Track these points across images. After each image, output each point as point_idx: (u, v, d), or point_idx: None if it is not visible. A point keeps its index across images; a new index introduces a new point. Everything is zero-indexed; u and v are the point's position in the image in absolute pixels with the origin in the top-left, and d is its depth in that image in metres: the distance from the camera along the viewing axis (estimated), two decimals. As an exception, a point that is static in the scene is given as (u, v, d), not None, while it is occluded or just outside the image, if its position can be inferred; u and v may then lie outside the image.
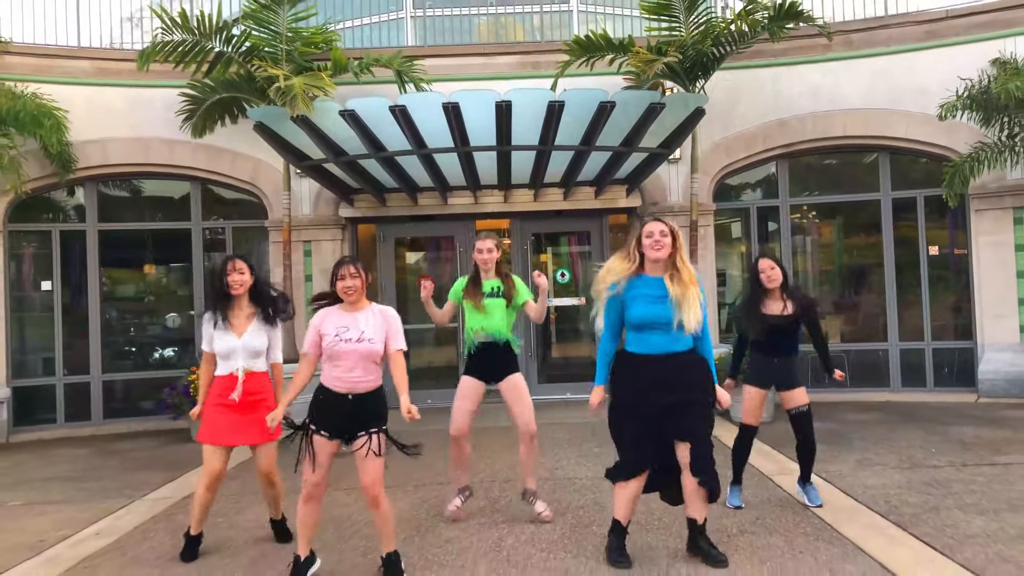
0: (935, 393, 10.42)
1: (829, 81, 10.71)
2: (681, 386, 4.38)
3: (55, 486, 7.26)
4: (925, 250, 10.74)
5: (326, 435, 4.39)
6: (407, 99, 8.35)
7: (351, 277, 4.44)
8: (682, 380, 4.40)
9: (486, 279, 5.65)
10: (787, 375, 5.60)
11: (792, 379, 5.59)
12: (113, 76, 10.55)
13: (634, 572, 4.41)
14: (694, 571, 4.38)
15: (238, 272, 5.08)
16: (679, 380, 4.39)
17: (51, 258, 10.60)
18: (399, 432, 4.54)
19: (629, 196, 10.95)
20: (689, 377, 4.43)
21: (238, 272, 5.08)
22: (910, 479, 6.19)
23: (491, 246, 5.63)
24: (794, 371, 5.63)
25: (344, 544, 5.11)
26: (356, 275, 4.46)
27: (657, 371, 4.38)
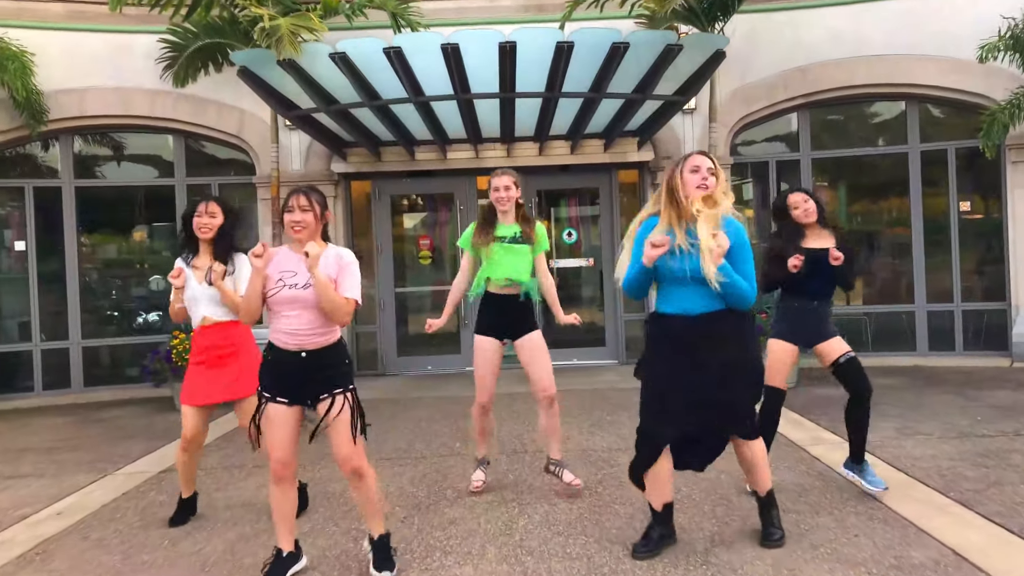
0: (965, 357, 9.83)
1: (853, 25, 9.98)
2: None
3: (27, 458, 6.69)
4: (956, 206, 10.08)
5: (284, 401, 3.66)
6: (403, 40, 7.70)
7: (300, 210, 3.64)
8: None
9: (503, 223, 4.94)
10: (825, 323, 4.85)
11: (830, 327, 4.86)
12: (89, 20, 9.82)
13: (665, 560, 3.83)
14: (737, 558, 3.81)
15: (208, 215, 4.59)
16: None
17: (24, 216, 9.95)
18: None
19: (641, 149, 10.30)
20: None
21: (208, 215, 4.59)
22: (960, 450, 5.62)
23: (508, 183, 4.88)
24: (830, 318, 4.94)
25: (335, 526, 4.53)
26: (307, 208, 3.65)
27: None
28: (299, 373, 3.63)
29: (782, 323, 4.95)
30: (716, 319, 3.76)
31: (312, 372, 3.63)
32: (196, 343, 4.62)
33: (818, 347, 4.85)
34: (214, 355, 4.54)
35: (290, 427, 3.67)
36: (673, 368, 3.78)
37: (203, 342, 4.58)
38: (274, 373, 3.68)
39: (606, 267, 10.85)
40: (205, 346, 4.57)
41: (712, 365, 3.73)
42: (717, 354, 3.74)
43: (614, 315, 10.79)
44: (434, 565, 3.89)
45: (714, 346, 3.74)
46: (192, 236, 4.62)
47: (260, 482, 5.50)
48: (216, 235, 4.59)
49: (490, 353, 4.92)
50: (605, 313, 10.88)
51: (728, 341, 3.78)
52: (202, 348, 4.58)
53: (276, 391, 3.66)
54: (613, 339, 10.83)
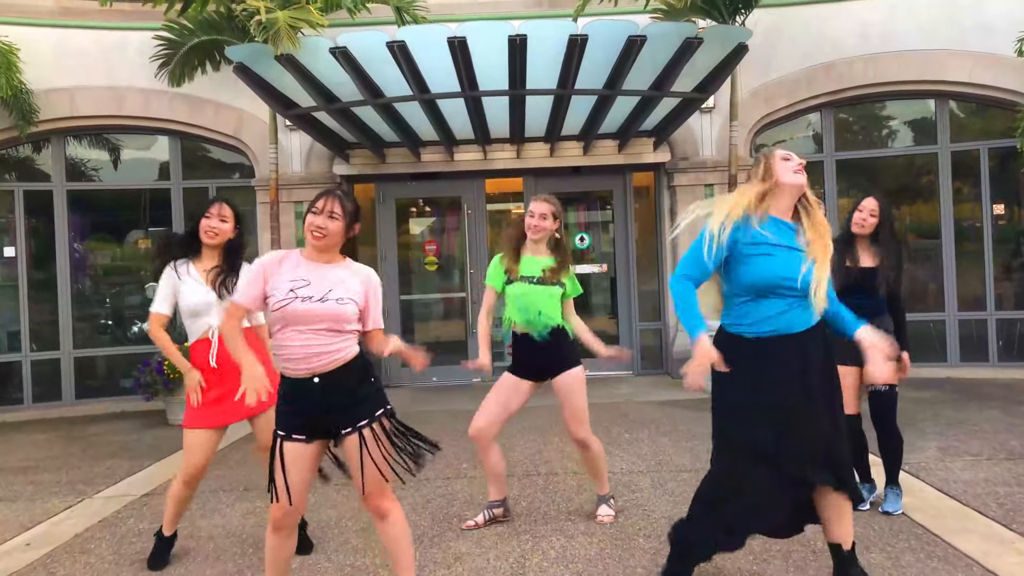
0: (1000, 368, 9.32)
1: (881, 19, 9.51)
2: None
3: (2, 479, 6.25)
4: (989, 209, 9.58)
5: (301, 439, 3.08)
6: (407, 33, 7.28)
7: (327, 216, 3.07)
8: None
9: (531, 253, 4.40)
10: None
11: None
12: (80, 17, 9.43)
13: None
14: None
15: (220, 218, 4.05)
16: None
17: (15, 221, 9.54)
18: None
19: (656, 150, 9.84)
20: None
21: (220, 218, 4.05)
22: (1015, 473, 5.13)
23: (546, 211, 4.34)
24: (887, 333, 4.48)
25: (327, 562, 4.07)
26: (336, 215, 3.08)
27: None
28: (314, 404, 3.07)
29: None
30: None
31: (330, 401, 3.06)
32: (198, 360, 4.05)
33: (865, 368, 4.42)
34: (231, 367, 3.79)
35: (305, 470, 3.08)
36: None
37: (207, 359, 4.03)
38: (291, 407, 3.11)
39: (619, 273, 10.39)
40: (221, 354, 3.99)
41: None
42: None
43: (628, 324, 10.32)
44: (437, 612, 3.43)
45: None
46: (195, 237, 4.07)
47: (248, 508, 5.05)
48: (225, 245, 4.08)
49: (511, 386, 4.41)
50: (619, 322, 10.40)
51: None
52: (207, 365, 4.02)
53: (289, 428, 3.08)
54: (628, 349, 10.33)
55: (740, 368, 3.11)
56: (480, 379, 10.15)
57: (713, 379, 3.19)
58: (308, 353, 3.02)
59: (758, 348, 3.12)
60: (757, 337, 3.13)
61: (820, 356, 3.15)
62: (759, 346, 3.11)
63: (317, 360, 3.03)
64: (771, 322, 3.11)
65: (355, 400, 3.09)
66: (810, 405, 3.07)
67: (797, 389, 3.06)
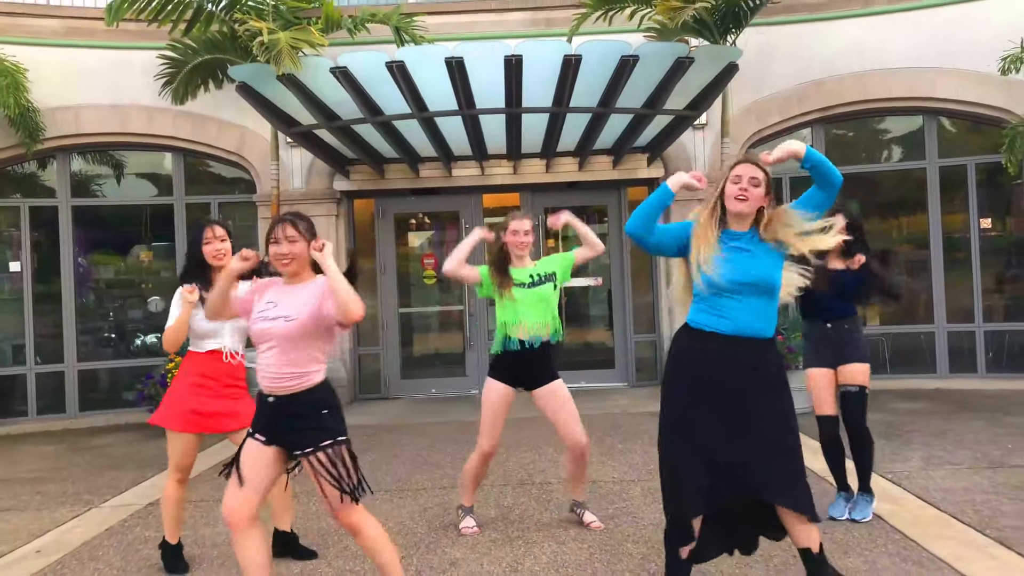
0: (988, 380, 9.48)
1: (871, 37, 9.71)
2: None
3: (10, 489, 6.41)
4: (976, 223, 9.77)
5: (261, 440, 3.25)
6: (405, 53, 7.48)
7: (287, 241, 3.24)
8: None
9: (518, 266, 4.62)
10: (842, 347, 4.69)
11: (849, 350, 4.67)
12: (86, 36, 9.64)
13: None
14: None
15: (219, 239, 4.21)
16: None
17: (20, 236, 9.72)
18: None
19: (650, 166, 10.04)
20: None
21: (219, 239, 4.21)
22: (994, 482, 5.28)
23: (528, 228, 4.63)
24: (855, 342, 4.71)
25: (327, 567, 4.23)
26: (295, 238, 3.25)
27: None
28: (268, 419, 3.25)
29: (806, 347, 4.88)
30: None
31: (281, 421, 3.22)
32: (203, 369, 4.21)
33: (839, 368, 4.69)
34: (224, 384, 4.20)
35: (259, 468, 3.23)
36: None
37: (212, 371, 4.21)
38: (257, 413, 3.34)
39: (615, 286, 10.57)
40: (214, 375, 4.21)
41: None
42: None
43: (624, 336, 10.48)
44: (432, 614, 3.59)
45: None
46: (201, 264, 4.20)
47: (251, 516, 5.20)
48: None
49: (502, 399, 4.56)
50: (614, 334, 10.57)
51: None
52: (209, 376, 4.20)
53: (255, 427, 3.29)
54: (623, 361, 10.51)
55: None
56: (476, 392, 10.31)
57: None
58: (269, 373, 3.23)
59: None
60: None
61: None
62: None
63: (273, 381, 3.22)
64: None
65: (303, 427, 3.21)
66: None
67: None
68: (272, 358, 3.21)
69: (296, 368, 3.21)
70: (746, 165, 3.37)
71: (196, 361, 4.25)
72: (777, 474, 3.18)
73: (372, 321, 10.40)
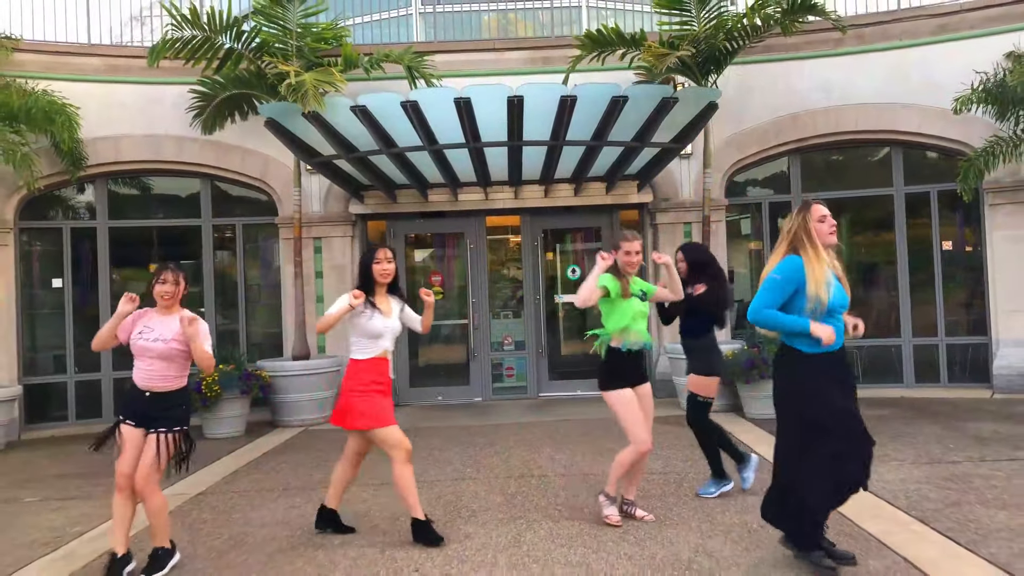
0: (949, 389, 10.36)
1: (841, 76, 10.65)
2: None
3: (70, 483, 7.25)
4: (939, 245, 10.67)
5: (131, 424, 4.69)
6: (418, 94, 8.34)
7: (173, 283, 4.73)
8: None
9: (631, 283, 5.19)
10: (689, 360, 5.98)
11: (692, 363, 5.90)
12: (124, 73, 10.54)
13: (655, 566, 4.36)
14: (716, 565, 4.34)
15: (387, 261, 5.05)
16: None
17: (62, 255, 10.60)
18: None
19: (640, 192, 10.91)
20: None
21: (387, 261, 5.05)
22: (929, 475, 6.13)
23: (639, 248, 5.20)
24: (696, 353, 5.88)
25: (363, 539, 5.08)
26: (175, 282, 4.75)
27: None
28: (142, 408, 4.62)
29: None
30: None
31: (149, 409, 4.60)
32: (365, 373, 4.92)
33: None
34: (380, 385, 4.97)
35: (133, 447, 4.62)
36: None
37: (371, 374, 4.93)
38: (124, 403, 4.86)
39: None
40: (371, 378, 4.93)
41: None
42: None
43: (616, 348, 11.31)
44: (452, 572, 4.43)
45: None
46: (370, 279, 5.00)
47: (290, 503, 6.05)
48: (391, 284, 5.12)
49: (633, 399, 5.10)
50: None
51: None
52: (370, 379, 4.92)
53: (125, 415, 4.71)
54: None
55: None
56: (480, 399, 11.18)
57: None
58: (149, 375, 4.59)
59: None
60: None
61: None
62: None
63: (151, 381, 4.60)
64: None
65: (162, 415, 4.61)
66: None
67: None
68: (153, 365, 4.60)
69: (172, 374, 4.65)
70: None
71: (365, 368, 4.96)
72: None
73: (383, 334, 11.25)
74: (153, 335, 4.57)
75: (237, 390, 9.21)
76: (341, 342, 10.73)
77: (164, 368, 4.57)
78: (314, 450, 8.15)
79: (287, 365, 9.84)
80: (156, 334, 4.57)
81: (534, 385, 11.24)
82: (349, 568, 4.57)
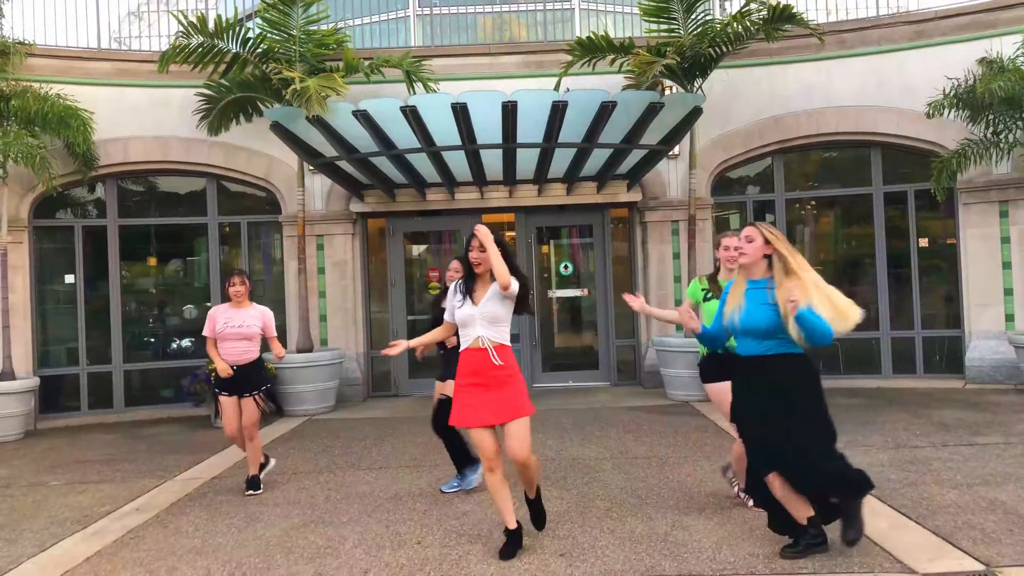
0: (924, 379, 10.85)
1: (822, 79, 11.09)
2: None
3: (91, 468, 7.70)
4: (916, 242, 11.15)
5: (226, 394, 6.47)
6: (417, 100, 8.76)
7: (240, 284, 6.51)
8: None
9: (727, 279, 5.14)
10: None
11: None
12: (133, 77, 10.94)
13: (633, 538, 4.83)
14: (688, 536, 4.80)
15: (478, 249, 4.73)
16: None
17: (74, 252, 11.02)
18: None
19: (630, 191, 11.35)
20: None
21: (478, 249, 4.73)
22: (893, 458, 6.62)
23: (735, 243, 4.96)
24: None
25: (368, 517, 5.54)
26: (245, 283, 6.57)
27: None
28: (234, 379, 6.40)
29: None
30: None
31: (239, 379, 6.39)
32: (473, 359, 4.64)
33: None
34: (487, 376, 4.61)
35: (233, 412, 6.40)
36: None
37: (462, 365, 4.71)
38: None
39: (599, 296, 11.89)
40: (473, 369, 4.64)
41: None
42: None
43: (606, 340, 11.81)
44: (451, 543, 4.90)
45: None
46: (471, 269, 4.75)
47: (300, 485, 6.51)
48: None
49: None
50: (599, 338, 11.90)
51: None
52: (471, 371, 4.65)
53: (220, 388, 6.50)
54: (605, 362, 11.84)
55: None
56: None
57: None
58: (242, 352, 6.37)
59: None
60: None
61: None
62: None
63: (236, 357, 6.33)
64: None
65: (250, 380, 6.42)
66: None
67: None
68: (237, 345, 6.41)
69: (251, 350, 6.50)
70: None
71: (462, 359, 4.74)
72: None
73: (383, 327, 11.74)
74: (234, 322, 6.42)
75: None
76: (342, 335, 11.25)
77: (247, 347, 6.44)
78: (319, 438, 8.61)
79: (292, 357, 10.27)
80: (236, 321, 6.43)
81: (528, 376, 11.69)
82: (357, 541, 5.03)
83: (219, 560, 4.80)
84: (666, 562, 4.48)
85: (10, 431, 9.46)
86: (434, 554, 4.75)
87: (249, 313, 6.49)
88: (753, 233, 4.46)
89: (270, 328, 6.61)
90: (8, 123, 9.74)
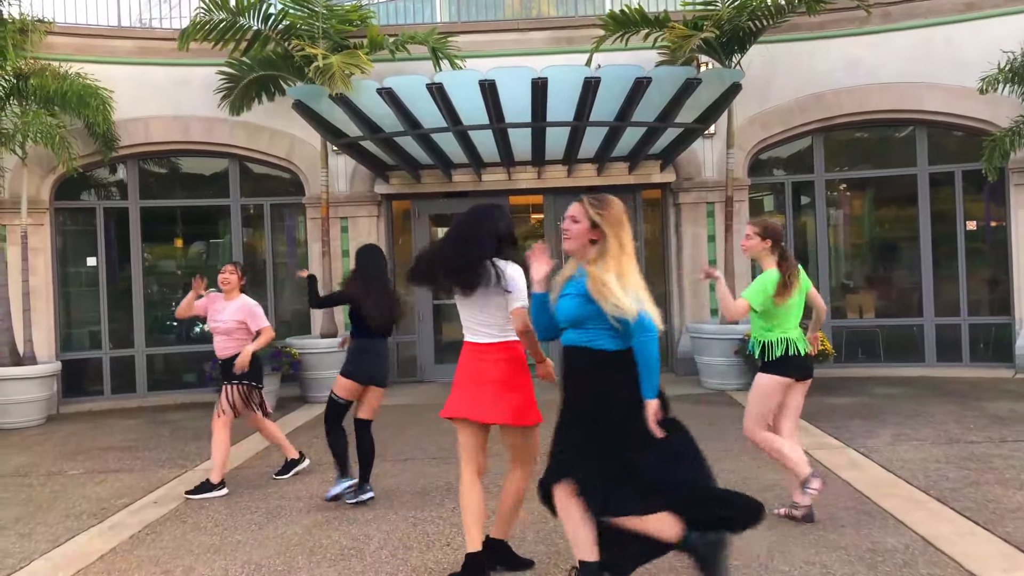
0: (971, 368, 10.40)
1: (866, 54, 10.61)
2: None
3: (111, 455, 7.51)
4: (962, 224, 10.66)
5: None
6: (444, 77, 8.43)
7: (230, 273, 6.32)
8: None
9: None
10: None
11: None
12: (154, 55, 10.70)
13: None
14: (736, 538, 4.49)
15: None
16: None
17: (96, 235, 10.84)
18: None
19: (663, 171, 10.98)
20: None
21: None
22: (948, 454, 6.24)
23: (748, 231, 4.93)
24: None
25: (395, 514, 5.28)
26: (234, 272, 6.33)
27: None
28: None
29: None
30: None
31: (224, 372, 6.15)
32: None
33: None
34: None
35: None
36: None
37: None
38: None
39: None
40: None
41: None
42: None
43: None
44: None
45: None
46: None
47: (324, 478, 6.27)
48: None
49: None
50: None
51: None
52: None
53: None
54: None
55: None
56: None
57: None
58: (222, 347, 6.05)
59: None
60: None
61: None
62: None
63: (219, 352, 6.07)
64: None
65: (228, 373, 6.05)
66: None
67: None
68: (222, 340, 6.08)
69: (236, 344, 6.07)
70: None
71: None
72: None
73: (409, 313, 11.45)
74: (221, 317, 6.12)
75: (268, 367, 9.44)
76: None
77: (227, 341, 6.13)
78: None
79: (316, 343, 10.05)
80: (223, 315, 6.11)
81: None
82: (383, 540, 4.77)
83: (238, 561, 4.55)
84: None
85: (33, 416, 9.33)
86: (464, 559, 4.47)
87: (229, 307, 6.08)
88: (578, 212, 3.61)
89: (253, 320, 6.04)
90: (27, 102, 9.54)
